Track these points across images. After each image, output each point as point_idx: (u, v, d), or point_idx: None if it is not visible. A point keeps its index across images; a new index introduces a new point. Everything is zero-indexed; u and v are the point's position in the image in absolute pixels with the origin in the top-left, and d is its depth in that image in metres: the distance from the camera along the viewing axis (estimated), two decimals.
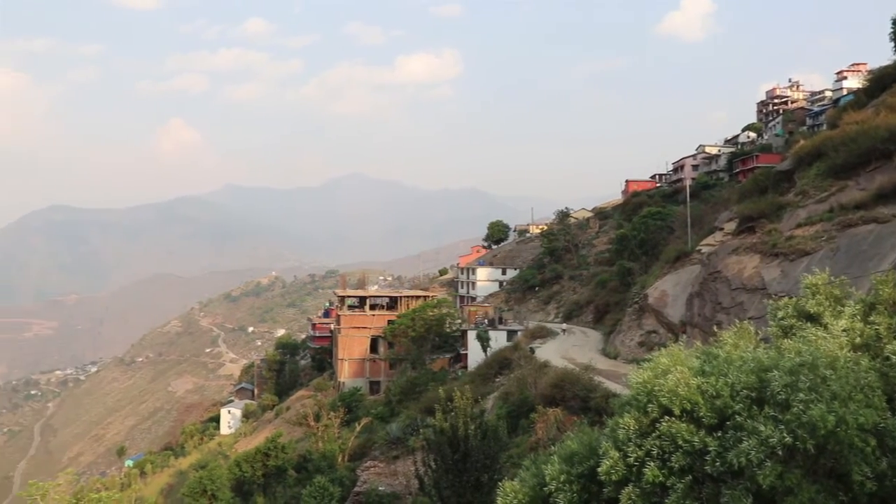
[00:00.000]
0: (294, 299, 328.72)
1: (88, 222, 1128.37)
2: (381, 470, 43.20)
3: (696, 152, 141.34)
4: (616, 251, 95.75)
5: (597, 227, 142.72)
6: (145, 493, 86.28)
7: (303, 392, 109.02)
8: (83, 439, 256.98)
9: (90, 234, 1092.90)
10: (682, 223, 76.93)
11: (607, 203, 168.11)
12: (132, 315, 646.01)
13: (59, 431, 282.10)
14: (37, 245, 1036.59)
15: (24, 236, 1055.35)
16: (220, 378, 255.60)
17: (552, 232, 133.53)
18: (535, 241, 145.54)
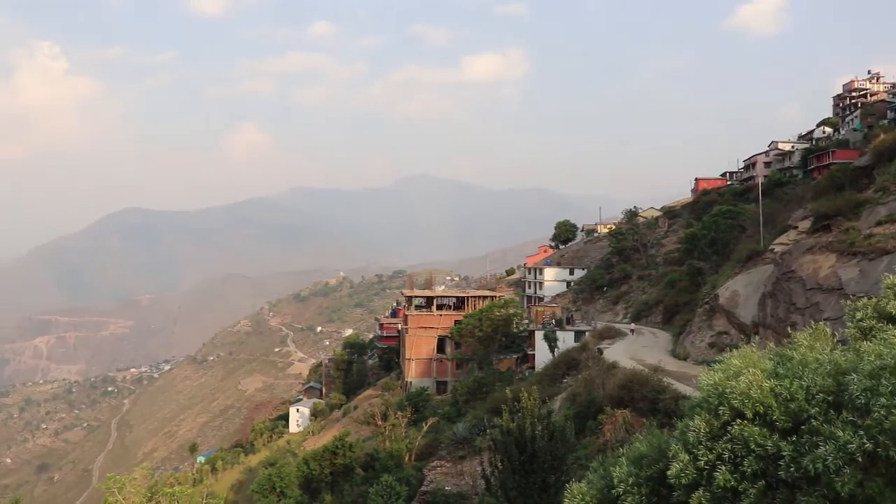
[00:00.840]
0: (362, 299, 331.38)
1: (162, 224, 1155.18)
2: (447, 470, 43.14)
3: (768, 149, 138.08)
4: (685, 250, 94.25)
5: (665, 227, 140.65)
6: (216, 488, 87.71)
7: (370, 391, 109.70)
8: (157, 435, 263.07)
9: (163, 236, 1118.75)
10: (753, 222, 75.32)
11: (676, 202, 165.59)
12: (204, 314, 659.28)
13: (134, 427, 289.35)
14: (113, 246, 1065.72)
15: (101, 238, 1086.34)
16: (288, 377, 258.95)
17: (620, 231, 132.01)
18: (603, 241, 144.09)
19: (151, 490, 48.12)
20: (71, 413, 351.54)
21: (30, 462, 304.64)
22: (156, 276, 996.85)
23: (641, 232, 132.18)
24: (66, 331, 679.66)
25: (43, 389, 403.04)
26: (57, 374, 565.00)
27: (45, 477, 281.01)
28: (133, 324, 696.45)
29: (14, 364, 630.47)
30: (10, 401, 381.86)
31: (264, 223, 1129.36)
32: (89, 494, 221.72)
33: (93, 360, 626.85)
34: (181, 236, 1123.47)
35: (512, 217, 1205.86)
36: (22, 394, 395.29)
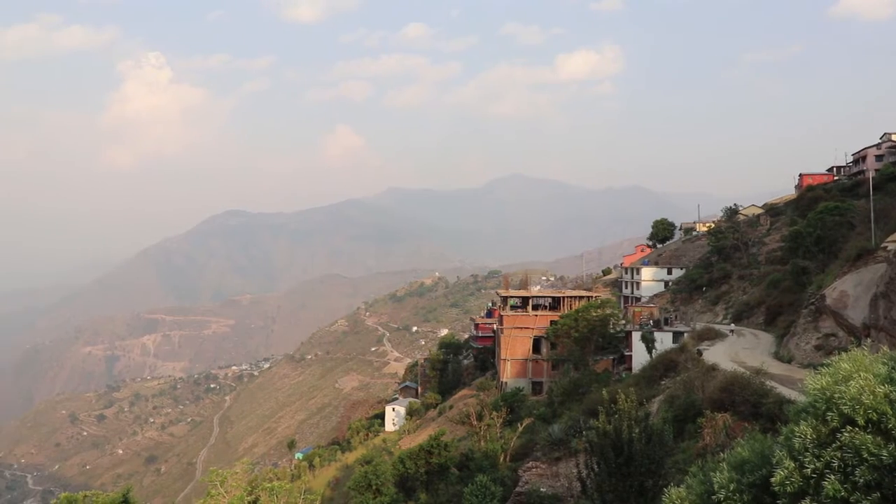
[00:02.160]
0: (457, 299, 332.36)
1: (261, 226, 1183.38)
2: (542, 471, 42.69)
3: (880, 141, 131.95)
4: (789, 249, 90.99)
5: (768, 224, 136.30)
6: (314, 485, 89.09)
7: (465, 391, 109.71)
8: (257, 431, 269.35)
9: (262, 238, 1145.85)
10: (863, 218, 72.32)
11: (779, 199, 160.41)
12: (302, 314, 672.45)
13: (235, 423, 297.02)
14: (215, 248, 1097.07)
15: (203, 240, 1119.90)
16: (384, 376, 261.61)
17: (720, 230, 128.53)
18: (702, 240, 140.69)
19: (251, 484, 49.27)
20: (176, 408, 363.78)
21: (139, 454, 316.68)
22: (255, 277, 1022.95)
23: (742, 230, 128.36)
24: (172, 329, 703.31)
25: (150, 385, 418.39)
26: (163, 370, 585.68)
27: (152, 468, 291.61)
28: (234, 323, 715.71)
29: (124, 360, 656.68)
30: (121, 395, 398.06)
31: (361, 224, 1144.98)
32: (193, 487, 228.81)
33: (196, 357, 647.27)
34: (279, 237, 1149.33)
35: (608, 216, 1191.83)
36: (131, 389, 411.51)
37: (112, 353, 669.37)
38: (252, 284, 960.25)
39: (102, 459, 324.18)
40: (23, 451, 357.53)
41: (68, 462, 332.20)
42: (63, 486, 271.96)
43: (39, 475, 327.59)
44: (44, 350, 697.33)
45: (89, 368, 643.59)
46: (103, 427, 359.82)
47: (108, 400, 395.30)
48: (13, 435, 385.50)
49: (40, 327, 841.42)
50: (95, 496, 40.68)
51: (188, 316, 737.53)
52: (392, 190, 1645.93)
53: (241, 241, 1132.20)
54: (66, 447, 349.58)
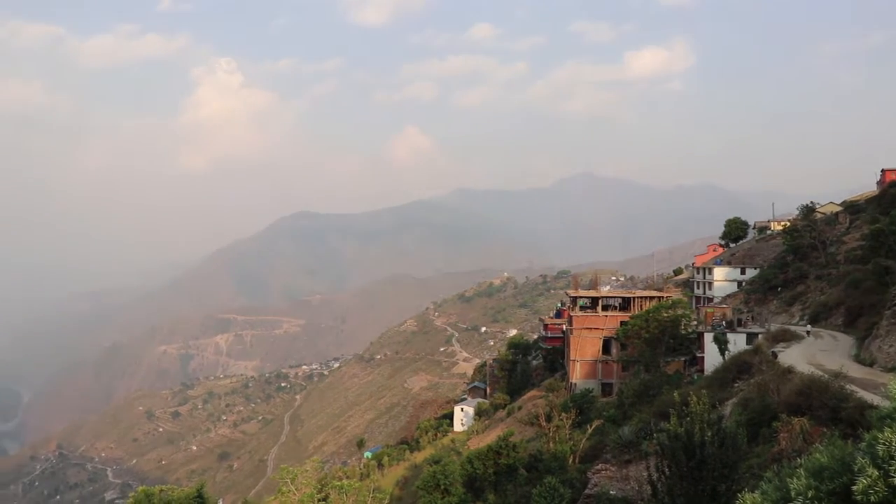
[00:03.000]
0: (526, 300, 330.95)
1: (330, 227, 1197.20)
2: (612, 473, 42.12)
3: None
4: (871, 248, 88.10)
5: (847, 223, 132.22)
6: (382, 483, 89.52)
7: (534, 392, 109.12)
8: (326, 430, 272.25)
9: (332, 239, 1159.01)
10: None
11: (859, 196, 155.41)
12: (371, 314, 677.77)
13: (305, 422, 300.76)
14: (285, 249, 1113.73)
15: (274, 241, 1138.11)
16: (453, 376, 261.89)
17: (796, 228, 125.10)
18: (777, 239, 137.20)
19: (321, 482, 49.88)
20: (248, 406, 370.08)
21: (212, 450, 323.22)
22: (325, 277, 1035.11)
23: (820, 228, 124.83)
24: (244, 329, 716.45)
25: (223, 384, 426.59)
26: (235, 369, 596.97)
27: (225, 465, 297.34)
28: (304, 323, 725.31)
29: (198, 359, 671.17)
30: (195, 393, 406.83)
31: (429, 225, 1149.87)
32: (265, 483, 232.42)
33: (267, 356, 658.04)
34: (349, 238, 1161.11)
35: (679, 215, 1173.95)
36: (205, 387, 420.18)
37: (186, 351, 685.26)
38: (322, 285, 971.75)
39: (177, 455, 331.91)
40: (103, 445, 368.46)
41: (145, 457, 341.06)
42: (140, 479, 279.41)
43: (118, 468, 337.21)
44: (122, 348, 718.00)
45: (165, 366, 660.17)
46: (178, 424, 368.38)
47: (182, 397, 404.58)
48: (94, 429, 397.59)
49: (119, 326, 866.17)
50: (171, 490, 41.77)
51: (259, 316, 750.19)
52: (460, 190, 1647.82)
53: (311, 242, 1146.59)
54: (143, 442, 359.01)
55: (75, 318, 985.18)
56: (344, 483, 46.67)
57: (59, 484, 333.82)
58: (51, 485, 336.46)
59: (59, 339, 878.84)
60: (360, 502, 45.71)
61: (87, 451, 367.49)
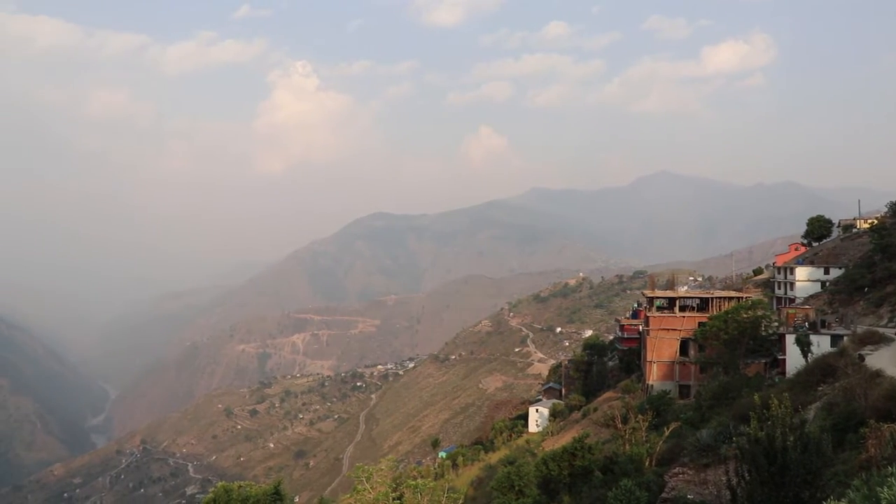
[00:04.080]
0: (601, 300, 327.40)
1: (405, 228, 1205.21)
2: (689, 477, 41.24)
3: None
4: None
5: None
6: (457, 483, 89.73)
7: (610, 393, 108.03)
8: (401, 429, 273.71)
9: (407, 239, 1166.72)
10: None
11: None
12: (445, 314, 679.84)
13: (380, 421, 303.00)
14: (361, 250, 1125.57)
15: (350, 242, 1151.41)
16: (528, 377, 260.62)
17: (884, 226, 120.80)
18: (864, 237, 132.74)
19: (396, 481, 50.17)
20: (324, 405, 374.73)
21: (289, 448, 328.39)
22: (400, 278, 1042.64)
23: None
24: (320, 329, 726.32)
25: (300, 382, 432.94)
26: (311, 368, 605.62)
27: (301, 462, 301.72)
28: (379, 323, 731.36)
29: (275, 358, 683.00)
30: (272, 391, 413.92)
31: (504, 225, 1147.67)
32: (340, 481, 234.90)
33: (343, 356, 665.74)
34: (423, 239, 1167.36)
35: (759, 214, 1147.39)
36: (282, 385, 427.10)
37: (264, 350, 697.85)
38: (397, 285, 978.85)
39: (255, 452, 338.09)
40: (184, 441, 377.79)
41: (224, 453, 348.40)
42: (220, 475, 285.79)
43: (199, 464, 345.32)
44: (202, 347, 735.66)
45: (243, 365, 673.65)
46: (256, 421, 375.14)
47: (260, 396, 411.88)
48: (176, 426, 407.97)
49: (199, 325, 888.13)
50: (249, 487, 42.44)
51: (335, 316, 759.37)
52: (535, 190, 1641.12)
53: (386, 242, 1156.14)
54: (222, 439, 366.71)
55: (159, 319, 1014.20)
56: (418, 482, 46.73)
57: (143, 478, 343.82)
58: (136, 478, 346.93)
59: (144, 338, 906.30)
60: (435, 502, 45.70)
61: (169, 446, 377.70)
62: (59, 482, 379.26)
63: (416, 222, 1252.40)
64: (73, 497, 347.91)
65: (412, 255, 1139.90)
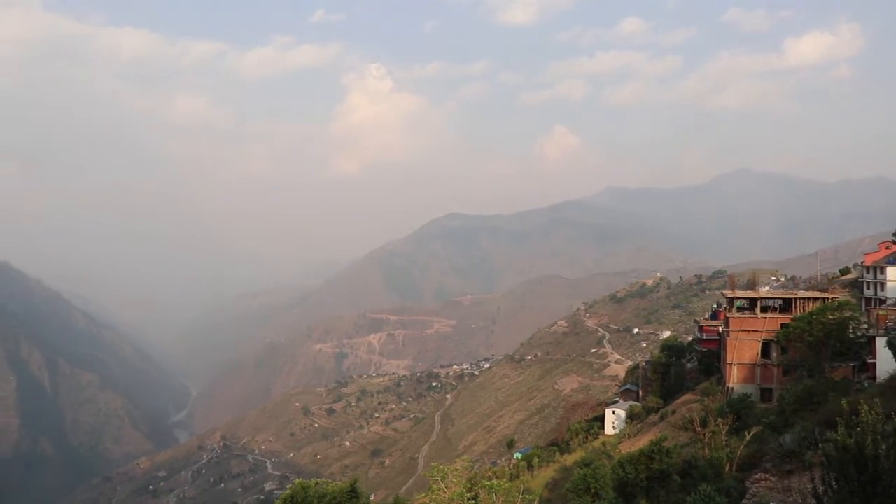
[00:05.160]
0: (679, 300, 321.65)
1: (480, 228, 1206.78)
2: (772, 484, 39.94)
3: None
4: None
5: None
6: (532, 485, 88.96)
7: (688, 396, 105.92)
8: (476, 430, 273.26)
9: (482, 240, 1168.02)
10: None
11: None
12: (521, 315, 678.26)
13: (455, 421, 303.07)
14: (436, 250, 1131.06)
15: (425, 242, 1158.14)
16: (604, 378, 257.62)
17: None
18: None
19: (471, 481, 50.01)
20: (399, 405, 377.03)
21: (365, 447, 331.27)
22: (475, 278, 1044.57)
23: None
24: (396, 329, 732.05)
25: (376, 382, 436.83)
26: (387, 368, 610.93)
27: (377, 461, 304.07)
28: (455, 323, 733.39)
29: (352, 357, 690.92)
30: (349, 391, 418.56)
31: (579, 224, 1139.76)
32: (415, 480, 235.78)
33: (419, 356, 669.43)
34: (499, 239, 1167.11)
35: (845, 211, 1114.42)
36: (358, 385, 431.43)
37: (341, 350, 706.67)
38: (472, 285, 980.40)
39: (332, 450, 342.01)
40: (263, 439, 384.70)
41: (301, 451, 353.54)
42: (297, 472, 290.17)
43: (277, 461, 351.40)
44: (280, 346, 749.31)
45: (320, 364, 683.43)
46: (332, 420, 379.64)
47: (336, 394, 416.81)
48: (255, 423, 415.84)
49: (277, 325, 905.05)
50: (326, 484, 42.80)
51: (411, 316, 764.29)
52: (611, 189, 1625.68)
53: (461, 243, 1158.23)
54: (300, 437, 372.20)
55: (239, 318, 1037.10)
56: (494, 483, 46.68)
57: (224, 473, 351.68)
58: (216, 473, 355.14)
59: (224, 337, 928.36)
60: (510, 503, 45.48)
61: (248, 443, 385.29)
62: (145, 475, 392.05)
63: (491, 222, 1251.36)
64: (157, 489, 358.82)
65: (487, 256, 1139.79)
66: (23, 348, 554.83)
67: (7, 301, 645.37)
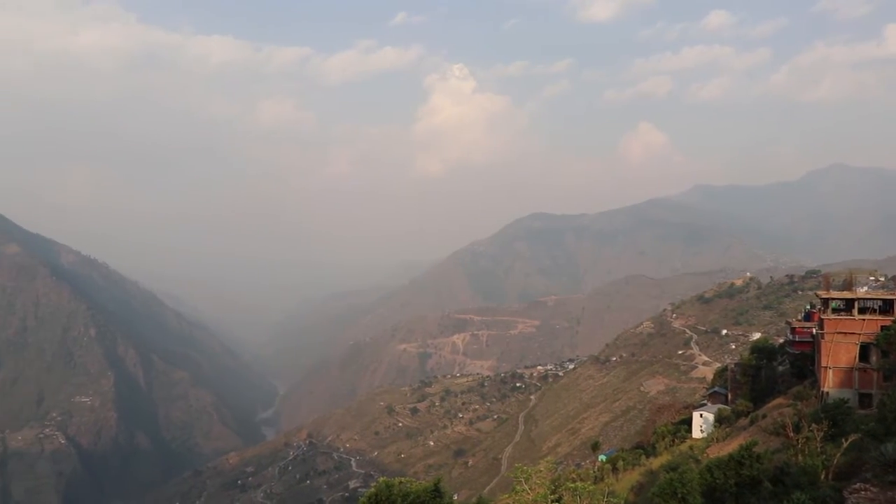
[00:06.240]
0: (770, 301, 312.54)
1: (564, 228, 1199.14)
2: (873, 495, 37.67)
3: None
4: None
5: None
6: (616, 488, 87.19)
7: (780, 400, 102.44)
8: (560, 431, 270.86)
9: (566, 239, 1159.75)
10: None
11: None
12: (606, 315, 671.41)
13: (539, 422, 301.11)
14: (520, 250, 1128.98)
15: (509, 243, 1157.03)
16: (691, 380, 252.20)
17: None
18: None
19: (555, 483, 49.18)
20: (483, 405, 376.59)
21: (448, 447, 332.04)
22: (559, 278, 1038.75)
23: None
24: (480, 329, 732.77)
25: (459, 382, 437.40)
26: (471, 368, 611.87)
27: (460, 461, 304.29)
28: (539, 323, 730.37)
29: (436, 357, 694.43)
30: (433, 390, 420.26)
31: (666, 224, 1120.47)
32: (498, 481, 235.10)
33: (503, 356, 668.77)
34: (583, 239, 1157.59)
35: None
36: (442, 385, 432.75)
37: (424, 350, 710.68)
38: (556, 286, 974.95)
39: (415, 450, 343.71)
40: (348, 437, 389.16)
41: (385, 450, 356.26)
42: (381, 470, 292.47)
43: (361, 459, 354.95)
44: (365, 346, 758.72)
45: (404, 364, 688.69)
46: (416, 419, 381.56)
47: (420, 394, 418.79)
48: (340, 422, 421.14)
49: (362, 325, 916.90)
50: (410, 483, 42.52)
51: (495, 316, 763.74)
52: (698, 187, 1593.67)
53: (546, 243, 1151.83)
54: (384, 436, 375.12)
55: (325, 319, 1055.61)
56: (578, 485, 46.26)
57: (309, 470, 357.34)
58: (302, 470, 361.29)
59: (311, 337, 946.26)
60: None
61: (333, 441, 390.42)
62: (234, 470, 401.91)
63: (576, 222, 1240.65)
64: (246, 485, 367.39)
65: (572, 256, 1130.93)
66: (119, 346, 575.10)
67: (106, 301, 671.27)
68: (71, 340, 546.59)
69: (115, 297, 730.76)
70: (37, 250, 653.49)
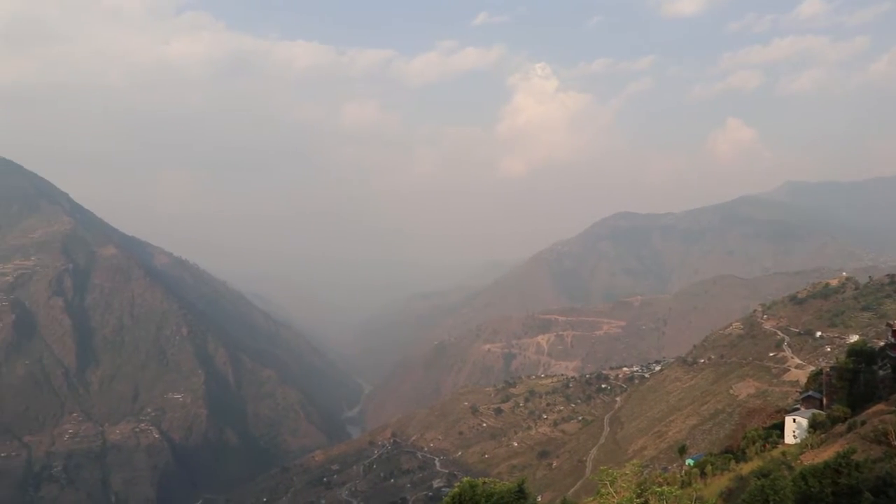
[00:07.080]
0: (869, 302, 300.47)
1: (650, 227, 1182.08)
2: None
3: None
4: None
5: None
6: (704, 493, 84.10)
7: (881, 406, 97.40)
8: (646, 434, 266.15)
9: (652, 239, 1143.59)
10: None
11: None
12: (693, 316, 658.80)
13: (625, 424, 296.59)
14: (605, 250, 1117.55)
15: (593, 243, 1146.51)
16: (783, 384, 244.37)
17: None
18: None
19: (641, 486, 47.71)
20: (568, 406, 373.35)
21: (532, 448, 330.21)
22: (645, 278, 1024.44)
23: None
24: (564, 329, 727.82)
25: (544, 383, 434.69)
26: (556, 369, 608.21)
27: (544, 462, 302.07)
28: (625, 324, 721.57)
29: (520, 358, 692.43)
30: (517, 391, 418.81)
31: (756, 222, 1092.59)
32: (583, 483, 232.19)
33: (587, 357, 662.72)
34: (670, 238, 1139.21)
35: None
36: (526, 385, 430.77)
37: (509, 350, 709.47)
38: (642, 286, 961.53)
39: (499, 450, 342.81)
40: (431, 437, 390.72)
41: (469, 450, 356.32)
42: (465, 470, 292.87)
43: (445, 459, 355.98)
44: (449, 346, 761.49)
45: (488, 364, 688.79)
46: (500, 420, 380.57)
47: (504, 395, 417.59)
48: (424, 421, 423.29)
49: (446, 325, 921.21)
50: (493, 483, 41.99)
51: (580, 317, 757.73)
52: (790, 184, 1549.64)
53: (631, 242, 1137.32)
54: (468, 436, 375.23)
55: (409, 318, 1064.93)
56: (664, 489, 45.13)
57: (393, 468, 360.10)
58: (386, 468, 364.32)
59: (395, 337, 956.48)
60: None
61: (417, 440, 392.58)
62: (320, 467, 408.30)
63: (662, 221, 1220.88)
64: (331, 482, 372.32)
65: (658, 255, 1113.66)
66: (209, 344, 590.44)
67: (197, 301, 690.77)
68: (164, 339, 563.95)
69: (206, 297, 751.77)
70: (132, 252, 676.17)
